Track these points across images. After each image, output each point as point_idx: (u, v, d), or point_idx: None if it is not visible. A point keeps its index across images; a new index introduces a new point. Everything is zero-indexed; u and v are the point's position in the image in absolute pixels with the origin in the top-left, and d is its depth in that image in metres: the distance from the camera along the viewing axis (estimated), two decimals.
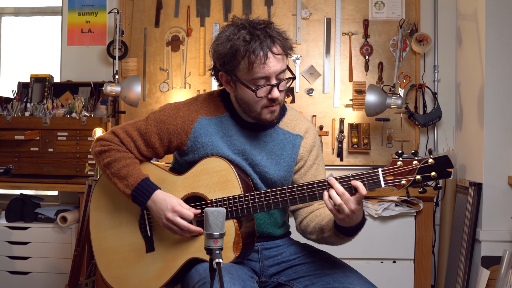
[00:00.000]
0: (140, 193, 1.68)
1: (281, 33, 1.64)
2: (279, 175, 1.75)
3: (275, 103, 1.67)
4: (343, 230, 1.59)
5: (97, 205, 1.85)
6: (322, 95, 3.25)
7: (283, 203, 1.62)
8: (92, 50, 3.44)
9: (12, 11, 3.76)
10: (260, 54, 1.57)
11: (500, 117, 2.69)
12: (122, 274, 1.78)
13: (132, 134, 1.74)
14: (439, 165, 1.48)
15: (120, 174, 1.70)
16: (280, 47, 1.61)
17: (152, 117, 1.75)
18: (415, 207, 2.80)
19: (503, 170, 2.68)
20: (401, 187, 1.50)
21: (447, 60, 3.23)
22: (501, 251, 2.62)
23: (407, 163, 1.50)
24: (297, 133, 1.79)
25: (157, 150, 1.76)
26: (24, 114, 3.17)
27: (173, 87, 3.31)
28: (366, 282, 1.64)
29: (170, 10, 3.33)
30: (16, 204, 3.06)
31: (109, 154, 1.73)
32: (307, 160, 1.79)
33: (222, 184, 1.68)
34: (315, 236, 1.71)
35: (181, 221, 1.64)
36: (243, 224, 1.67)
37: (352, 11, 3.25)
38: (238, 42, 1.58)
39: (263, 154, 1.75)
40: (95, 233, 1.84)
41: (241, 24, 1.62)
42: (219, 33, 1.67)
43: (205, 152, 1.72)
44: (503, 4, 2.68)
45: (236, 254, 1.62)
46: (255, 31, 1.59)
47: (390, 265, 2.85)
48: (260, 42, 1.58)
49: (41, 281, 2.98)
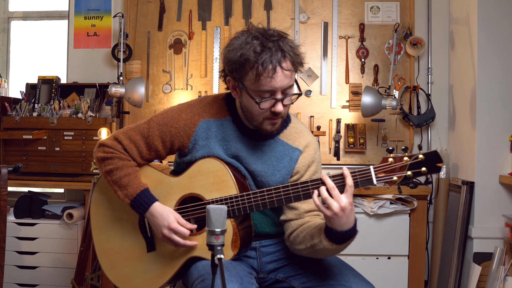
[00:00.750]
0: (139, 204, 1.69)
1: (294, 48, 1.58)
2: (275, 184, 1.71)
3: (277, 116, 1.63)
4: (333, 234, 1.51)
5: (97, 208, 1.85)
6: (319, 97, 3.29)
7: (278, 201, 1.60)
8: (97, 53, 3.47)
9: (21, 16, 3.78)
10: (268, 67, 1.53)
11: (492, 118, 2.70)
12: (125, 273, 1.78)
13: (135, 139, 1.73)
14: (429, 160, 1.46)
15: (121, 183, 1.70)
16: (290, 62, 1.56)
17: (155, 120, 1.74)
18: (409, 205, 2.81)
19: (494, 169, 2.69)
20: (393, 183, 1.49)
21: (441, 62, 3.25)
22: (493, 248, 2.64)
23: (398, 159, 1.49)
24: (296, 147, 1.75)
25: (159, 153, 1.75)
26: (32, 114, 3.19)
27: (175, 89, 3.35)
28: (362, 280, 1.64)
29: (172, 14, 3.37)
30: (24, 201, 3.09)
31: (111, 162, 1.72)
32: (303, 175, 1.75)
33: (218, 184, 1.67)
34: (304, 245, 1.63)
35: (177, 238, 1.65)
36: (240, 223, 1.67)
37: (349, 15, 3.29)
38: (249, 52, 1.54)
39: (259, 163, 1.72)
40: (96, 235, 1.84)
41: (255, 33, 1.57)
42: (232, 39, 1.62)
43: (201, 153, 1.72)
44: (495, 9, 2.70)
45: (235, 252, 1.63)
46: (268, 43, 1.54)
47: (385, 261, 2.86)
48: (270, 55, 1.52)
49: (48, 276, 3.00)
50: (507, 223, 2.60)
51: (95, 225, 1.86)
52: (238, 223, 1.66)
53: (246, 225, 1.70)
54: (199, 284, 1.57)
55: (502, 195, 2.70)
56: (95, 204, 1.87)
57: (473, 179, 2.74)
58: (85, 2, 3.48)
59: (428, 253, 3.11)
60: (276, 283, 1.76)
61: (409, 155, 1.48)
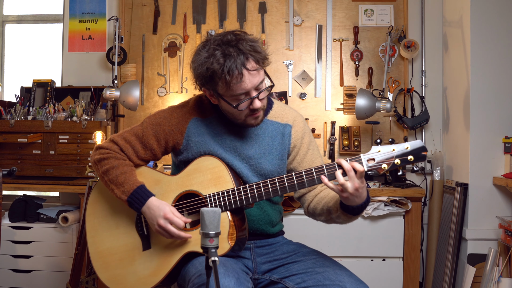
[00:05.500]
0: (136, 199, 1.72)
1: (254, 46, 1.63)
2: (273, 165, 1.79)
3: (258, 111, 1.70)
4: (349, 209, 1.63)
5: (94, 210, 1.86)
6: (314, 99, 3.30)
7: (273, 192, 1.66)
8: (92, 56, 3.47)
9: (16, 19, 3.78)
10: (235, 74, 1.59)
11: (485, 120, 2.72)
12: (118, 274, 1.79)
13: (130, 140, 1.78)
14: (415, 149, 1.56)
15: (117, 181, 1.74)
16: (253, 61, 1.62)
17: (148, 121, 1.80)
18: (403, 207, 2.83)
19: (488, 171, 2.71)
20: (382, 170, 1.57)
21: (434, 65, 3.27)
22: (487, 249, 2.66)
23: (386, 149, 1.58)
24: (285, 123, 1.82)
25: (154, 152, 1.80)
26: (26, 118, 3.19)
27: (170, 92, 3.36)
28: (356, 280, 1.66)
29: (167, 17, 3.38)
30: (19, 204, 3.07)
31: (108, 162, 1.77)
32: (301, 147, 1.83)
33: (215, 180, 1.72)
34: (324, 217, 1.75)
35: (172, 228, 1.68)
36: (236, 216, 1.70)
37: (343, 18, 3.30)
38: (213, 65, 1.60)
39: (256, 147, 1.78)
40: (91, 237, 1.85)
41: (215, 44, 1.63)
42: (195, 54, 1.68)
43: (198, 150, 1.77)
44: (487, 12, 2.72)
45: (231, 244, 1.65)
46: (228, 49, 1.60)
47: (380, 262, 2.87)
48: (233, 61, 1.59)
49: (43, 279, 2.99)
50: (501, 225, 2.61)
51: (90, 226, 1.86)
52: (235, 216, 1.70)
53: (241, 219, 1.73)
54: (195, 279, 1.59)
55: (496, 197, 2.71)
56: (92, 206, 1.88)
57: (467, 180, 2.75)
58: (79, 5, 3.48)
59: (422, 254, 3.12)
60: (270, 284, 1.77)
61: (397, 144, 1.59)
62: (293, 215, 2.89)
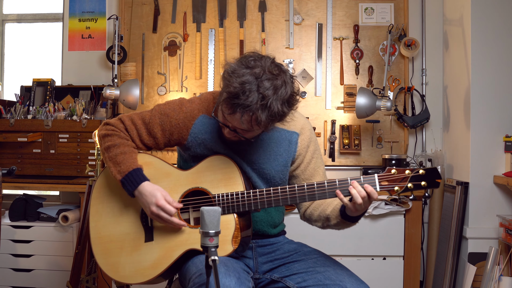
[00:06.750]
0: (129, 181, 1.72)
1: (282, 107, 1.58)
2: (276, 170, 1.78)
3: (238, 136, 1.66)
4: (351, 218, 1.68)
5: (99, 195, 1.86)
6: (314, 98, 3.30)
7: (283, 200, 1.67)
8: (92, 55, 3.47)
9: (15, 18, 3.78)
10: (233, 107, 1.55)
11: (486, 119, 2.72)
12: (118, 262, 1.78)
13: (137, 123, 1.79)
14: (429, 175, 1.59)
15: (116, 160, 1.74)
16: (255, 121, 1.56)
17: (157, 108, 1.80)
18: (404, 206, 2.83)
19: (488, 170, 2.71)
20: (394, 192, 1.60)
21: (435, 63, 3.27)
22: (487, 248, 2.66)
23: (401, 171, 1.60)
24: (293, 130, 1.82)
25: (157, 140, 1.80)
26: (26, 117, 3.19)
27: (170, 91, 3.36)
28: (357, 280, 1.67)
29: (167, 16, 3.38)
30: (19, 203, 3.08)
31: (111, 139, 1.78)
32: (305, 156, 1.83)
33: (226, 180, 1.72)
34: (321, 223, 1.79)
35: (164, 215, 1.68)
36: (242, 219, 1.71)
37: (343, 16, 3.30)
38: (245, 96, 1.54)
39: (260, 151, 1.78)
40: (94, 221, 1.84)
41: (264, 76, 1.56)
42: (236, 67, 1.58)
43: (205, 148, 1.77)
44: (488, 10, 2.72)
45: (235, 247, 1.65)
46: (254, 92, 1.53)
47: (380, 261, 2.87)
48: (245, 100, 1.52)
49: (44, 278, 3.00)
50: (502, 223, 2.61)
51: (94, 211, 1.85)
52: (241, 219, 1.70)
53: (247, 222, 1.74)
54: (196, 278, 1.59)
55: (497, 195, 2.72)
56: (98, 190, 1.87)
57: (468, 179, 2.76)
58: (79, 4, 3.48)
59: (423, 253, 3.12)
60: (271, 283, 1.78)
61: (411, 169, 1.61)
62: (294, 214, 2.88)
